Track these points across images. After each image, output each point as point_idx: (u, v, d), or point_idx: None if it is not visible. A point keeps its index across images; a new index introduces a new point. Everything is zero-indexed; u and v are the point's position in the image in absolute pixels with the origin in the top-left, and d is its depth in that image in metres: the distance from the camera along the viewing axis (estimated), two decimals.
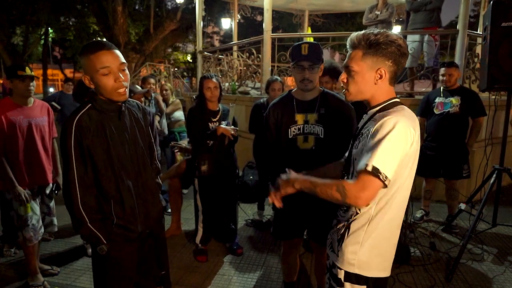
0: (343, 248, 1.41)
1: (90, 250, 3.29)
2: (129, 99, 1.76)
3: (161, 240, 1.98)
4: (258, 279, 2.94)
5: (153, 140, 1.93)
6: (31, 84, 2.60)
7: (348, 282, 1.41)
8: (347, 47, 1.41)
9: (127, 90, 1.59)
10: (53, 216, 2.98)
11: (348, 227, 1.42)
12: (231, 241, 3.41)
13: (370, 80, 1.35)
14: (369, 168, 1.21)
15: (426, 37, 5.33)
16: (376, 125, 1.28)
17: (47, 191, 2.86)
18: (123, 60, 1.57)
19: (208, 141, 3.02)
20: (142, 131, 1.78)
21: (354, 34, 1.37)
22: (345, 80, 1.41)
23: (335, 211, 1.57)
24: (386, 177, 1.21)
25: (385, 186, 1.23)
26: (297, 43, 2.08)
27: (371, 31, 1.34)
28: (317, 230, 2.20)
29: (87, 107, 1.60)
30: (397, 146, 1.24)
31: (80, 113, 1.57)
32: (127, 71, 1.60)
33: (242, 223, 4.02)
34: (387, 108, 1.36)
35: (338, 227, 1.49)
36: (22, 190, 2.57)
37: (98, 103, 1.60)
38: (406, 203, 1.41)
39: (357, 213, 1.40)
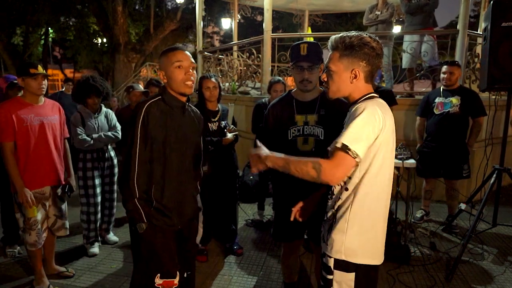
0: (331, 237, 1.48)
1: (90, 250, 3.29)
2: (191, 105, 1.98)
3: (192, 239, 2.05)
4: (258, 279, 2.94)
5: (202, 148, 2.09)
6: (43, 82, 2.56)
7: (337, 270, 1.46)
8: (328, 48, 1.51)
9: (193, 85, 1.82)
10: (65, 219, 2.86)
11: (334, 217, 1.49)
12: (231, 241, 3.41)
13: (346, 79, 1.46)
14: (339, 145, 1.34)
15: (425, 37, 5.33)
16: (349, 113, 1.43)
17: (59, 193, 2.78)
18: (193, 61, 1.83)
19: (209, 147, 3.02)
20: (195, 134, 1.97)
21: (333, 37, 1.49)
22: (326, 79, 1.53)
23: None
24: (356, 154, 1.33)
25: (356, 164, 1.36)
26: (296, 43, 2.06)
27: (348, 34, 1.45)
28: (318, 231, 2.19)
29: (157, 98, 1.83)
30: (365, 127, 1.34)
31: (151, 101, 1.81)
32: (195, 72, 1.83)
33: (242, 223, 4.02)
34: (362, 101, 1.47)
35: (327, 217, 1.56)
36: (28, 192, 2.51)
37: (167, 96, 1.83)
38: (387, 194, 1.48)
39: (340, 202, 1.47)
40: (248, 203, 4.30)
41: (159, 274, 1.81)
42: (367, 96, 1.47)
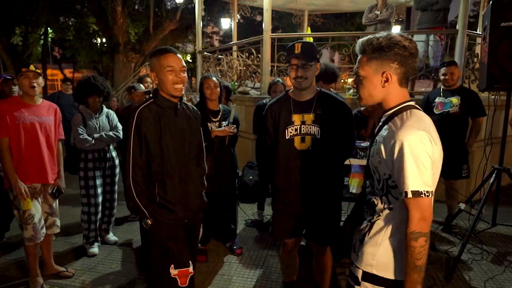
0: (363, 249, 1.41)
1: (90, 250, 3.30)
2: (187, 103, 2.06)
3: (197, 232, 2.15)
4: (258, 279, 2.94)
5: (203, 143, 2.12)
6: (34, 80, 2.60)
7: (366, 281, 1.39)
8: (357, 53, 1.41)
9: (183, 87, 1.90)
10: (56, 216, 2.88)
11: (370, 228, 1.41)
12: (231, 241, 3.41)
13: (377, 84, 1.35)
14: (406, 195, 1.22)
15: (431, 37, 5.32)
16: (391, 145, 1.27)
17: (50, 191, 2.80)
18: (184, 64, 1.89)
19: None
20: (193, 131, 2.04)
21: (360, 40, 1.38)
22: (355, 86, 1.44)
23: (334, 211, 1.55)
24: (427, 191, 1.22)
25: (432, 196, 1.24)
26: (292, 43, 2.09)
27: (375, 35, 1.34)
28: (316, 230, 2.20)
29: (150, 101, 1.91)
30: (421, 160, 1.22)
31: (143, 106, 1.89)
32: (186, 74, 1.90)
33: (242, 223, 4.02)
34: (398, 113, 1.35)
35: (361, 227, 1.48)
36: (22, 185, 2.56)
37: (159, 99, 1.91)
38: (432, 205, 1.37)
39: (379, 215, 1.39)
40: (248, 203, 4.31)
41: (172, 265, 1.89)
42: (402, 106, 1.35)
